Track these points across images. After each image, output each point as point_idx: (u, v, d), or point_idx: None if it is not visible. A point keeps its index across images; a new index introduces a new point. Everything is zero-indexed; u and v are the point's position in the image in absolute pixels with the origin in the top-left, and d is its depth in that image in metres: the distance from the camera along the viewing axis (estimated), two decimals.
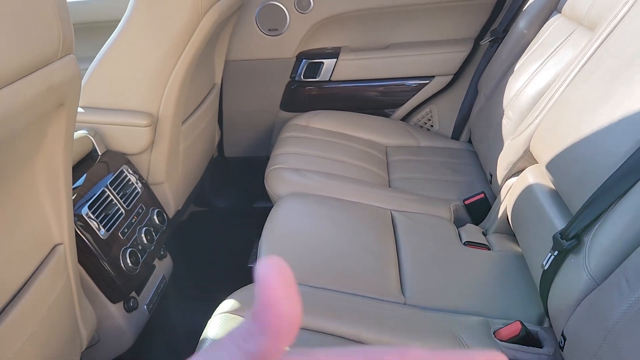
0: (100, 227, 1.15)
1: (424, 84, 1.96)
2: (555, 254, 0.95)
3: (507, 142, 1.40)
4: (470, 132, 1.82)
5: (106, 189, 1.22)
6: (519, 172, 1.34)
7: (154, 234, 1.32)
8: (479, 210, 1.44)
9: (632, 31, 1.04)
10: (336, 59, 1.94)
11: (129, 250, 1.20)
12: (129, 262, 1.19)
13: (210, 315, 1.22)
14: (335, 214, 1.31)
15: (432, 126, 2.00)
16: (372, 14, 1.92)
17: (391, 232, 1.29)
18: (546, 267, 0.97)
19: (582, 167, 0.98)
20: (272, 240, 1.19)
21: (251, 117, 2.07)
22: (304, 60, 1.96)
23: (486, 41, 1.84)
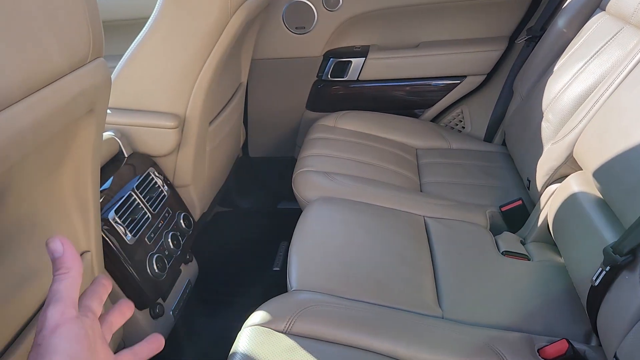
0: (126, 232, 1.13)
1: (455, 84, 1.90)
2: (607, 269, 0.89)
3: (548, 147, 1.34)
4: (504, 134, 1.75)
5: (133, 193, 1.19)
6: (560, 179, 1.27)
7: (181, 238, 1.29)
8: (516, 217, 1.38)
9: None
10: (364, 58, 1.89)
11: (156, 255, 1.17)
12: (155, 268, 1.16)
13: (235, 320, 1.19)
14: (367, 220, 1.26)
15: (463, 127, 1.93)
16: (402, 12, 1.86)
17: (425, 240, 1.24)
18: (596, 283, 0.91)
19: (637, 177, 0.92)
20: (303, 248, 1.15)
21: (276, 117, 2.04)
22: (331, 59, 1.91)
23: (522, 40, 1.78)
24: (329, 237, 1.19)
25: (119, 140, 1.26)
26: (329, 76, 1.93)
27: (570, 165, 1.25)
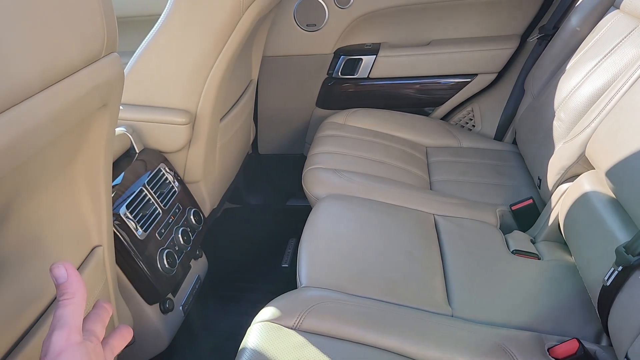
0: (137, 227, 1.13)
1: (466, 82, 1.89)
2: (619, 269, 0.89)
3: (559, 146, 1.33)
4: (515, 133, 1.74)
5: (144, 188, 1.20)
6: (572, 178, 1.27)
7: (191, 234, 1.30)
8: (526, 216, 1.37)
9: None
10: (375, 56, 1.88)
11: (166, 251, 1.18)
12: (165, 263, 1.17)
13: (244, 316, 1.20)
14: (377, 218, 1.26)
15: (473, 126, 1.92)
16: (413, 10, 1.86)
17: (435, 238, 1.24)
18: (608, 283, 0.91)
19: None
20: (312, 245, 1.15)
21: (286, 114, 2.04)
22: (342, 56, 1.91)
23: (534, 38, 1.76)
24: (338, 234, 1.19)
25: (131, 135, 1.27)
26: (340, 74, 1.93)
27: (582, 164, 1.24)
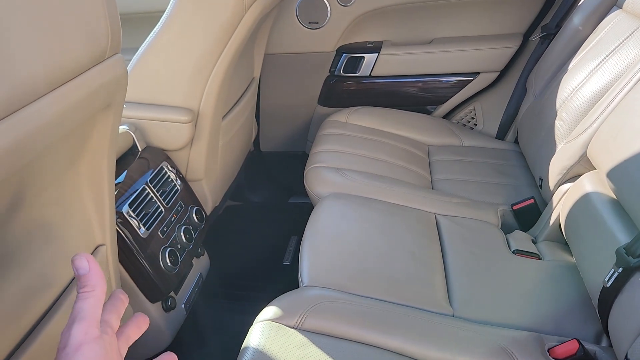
0: (140, 225, 1.14)
1: (468, 81, 1.89)
2: (619, 270, 0.89)
3: (561, 146, 1.33)
4: (517, 132, 1.75)
5: (146, 186, 1.21)
6: (573, 178, 1.27)
7: (193, 232, 1.30)
8: (527, 216, 1.37)
9: None
10: (377, 54, 1.88)
11: (168, 249, 1.18)
12: (168, 261, 1.17)
13: (245, 313, 1.20)
14: (379, 217, 1.26)
15: (475, 125, 1.92)
16: (416, 7, 1.86)
17: (436, 238, 1.24)
18: (608, 285, 0.91)
19: None
20: (314, 244, 1.16)
21: (288, 112, 2.04)
22: (344, 54, 1.91)
23: (537, 37, 1.76)
24: (340, 233, 1.20)
25: (133, 134, 1.27)
26: (342, 72, 1.93)
27: (583, 164, 1.24)
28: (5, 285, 0.67)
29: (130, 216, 1.12)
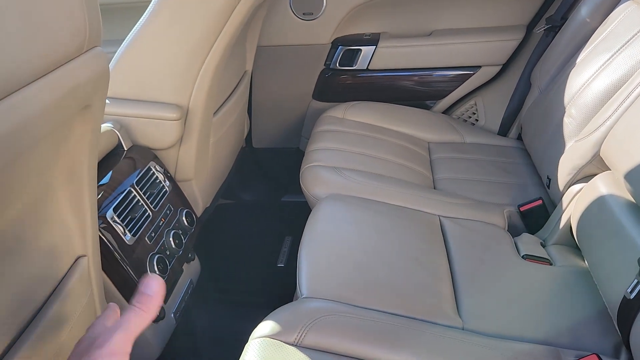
0: (125, 231, 1.06)
1: (469, 75, 1.82)
2: None
3: (570, 144, 1.27)
4: (520, 128, 1.68)
5: (132, 189, 1.12)
6: (585, 178, 1.21)
7: (183, 237, 1.22)
8: (535, 217, 1.31)
9: None
10: (375, 46, 1.81)
11: (157, 256, 1.11)
12: (156, 269, 1.09)
13: (239, 320, 1.14)
14: (380, 220, 1.19)
15: (477, 120, 1.86)
16: None
17: (441, 242, 1.18)
18: (632, 296, 0.85)
19: None
20: (313, 252, 1.08)
21: (282, 107, 1.96)
22: (340, 46, 1.83)
23: (541, 29, 1.70)
24: (340, 239, 1.13)
25: (118, 132, 1.19)
26: (337, 65, 1.85)
27: (596, 164, 1.18)
28: None
29: (114, 222, 1.04)
